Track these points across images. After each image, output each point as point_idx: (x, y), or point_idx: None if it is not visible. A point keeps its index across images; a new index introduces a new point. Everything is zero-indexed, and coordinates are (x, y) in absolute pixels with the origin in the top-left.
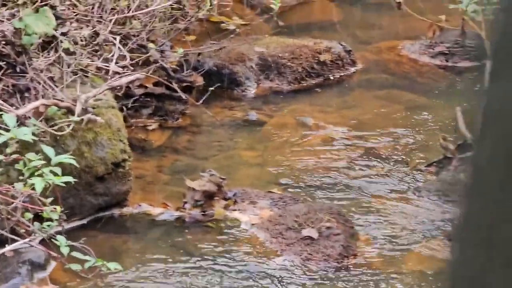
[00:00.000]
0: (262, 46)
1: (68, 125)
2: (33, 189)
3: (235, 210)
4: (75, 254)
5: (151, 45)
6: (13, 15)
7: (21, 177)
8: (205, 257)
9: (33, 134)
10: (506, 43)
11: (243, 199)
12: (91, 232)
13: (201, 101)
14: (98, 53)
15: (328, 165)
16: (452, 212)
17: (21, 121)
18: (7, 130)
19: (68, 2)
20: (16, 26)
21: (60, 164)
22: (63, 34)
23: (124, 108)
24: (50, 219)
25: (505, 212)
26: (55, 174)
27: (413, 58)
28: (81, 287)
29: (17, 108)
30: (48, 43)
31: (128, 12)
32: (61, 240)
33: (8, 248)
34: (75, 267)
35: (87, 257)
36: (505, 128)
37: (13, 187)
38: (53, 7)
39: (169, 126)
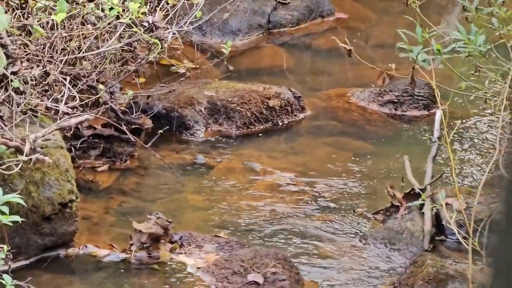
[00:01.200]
0: (212, 90)
1: (17, 165)
2: None
3: (181, 253)
4: None
5: (101, 86)
6: None
7: None
8: None
9: None
10: None
11: (190, 243)
12: (36, 272)
13: (149, 144)
14: (48, 93)
15: (275, 210)
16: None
17: None
18: None
19: (19, 42)
20: None
21: (7, 203)
22: (13, 73)
23: (73, 149)
24: None
25: None
26: (3, 213)
27: (362, 106)
28: None
29: None
30: None
31: (79, 52)
32: (7, 279)
33: None
34: None
35: None
36: None
37: None
38: (4, 46)
39: (117, 168)
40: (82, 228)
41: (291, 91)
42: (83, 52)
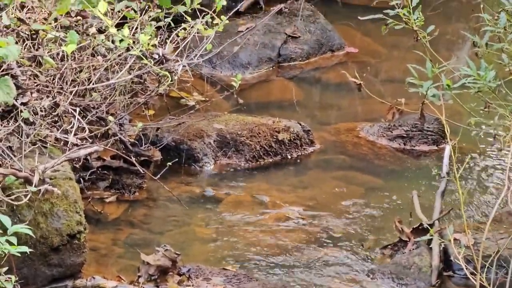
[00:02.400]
0: (221, 123)
1: (25, 195)
2: None
3: (189, 285)
4: None
5: (110, 118)
6: None
7: None
8: None
9: None
10: None
11: (197, 275)
12: None
13: (158, 176)
14: (58, 124)
15: (283, 244)
16: None
17: None
18: None
19: (29, 72)
20: None
21: (16, 234)
22: (23, 104)
23: (82, 180)
24: None
25: None
26: (11, 244)
27: (371, 140)
28: None
29: None
30: (8, 112)
31: (89, 84)
32: None
33: None
34: None
35: None
36: None
37: None
38: (14, 77)
39: (125, 199)
40: (90, 259)
41: (300, 124)
42: (93, 84)
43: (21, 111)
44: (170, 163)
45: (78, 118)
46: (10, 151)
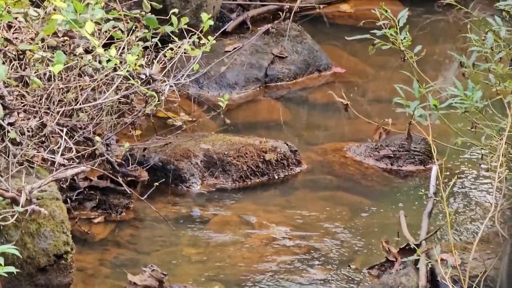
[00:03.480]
0: (208, 143)
1: (12, 216)
2: None
3: None
4: None
5: (97, 138)
6: None
7: None
8: None
9: None
10: None
11: None
12: None
13: (145, 196)
14: (45, 144)
15: (270, 264)
16: None
17: None
18: None
19: (16, 93)
20: None
21: (2, 254)
22: (10, 124)
23: (68, 200)
24: None
25: None
26: None
27: (358, 160)
28: None
29: None
30: None
31: (76, 104)
32: None
33: None
34: None
35: None
36: None
37: None
38: (1, 97)
39: (112, 219)
40: (77, 280)
41: (287, 145)
42: (80, 104)
43: (8, 131)
44: (157, 184)
45: (65, 138)
46: None
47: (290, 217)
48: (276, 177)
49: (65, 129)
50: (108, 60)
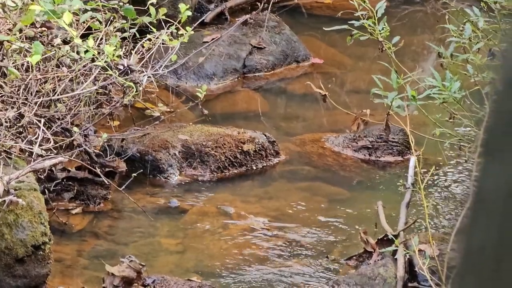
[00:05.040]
0: (186, 133)
1: None
2: None
3: None
4: None
5: (75, 129)
6: None
7: None
8: None
9: None
10: (503, 123)
11: (162, 286)
12: None
13: (123, 187)
14: (22, 135)
15: (247, 255)
16: None
17: None
18: None
19: None
20: None
21: None
22: None
23: (46, 191)
24: None
25: None
26: None
27: (336, 151)
28: None
29: None
30: None
31: (54, 95)
32: None
33: None
34: None
35: None
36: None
37: None
38: None
39: (90, 210)
40: (54, 271)
41: (265, 135)
42: (58, 95)
43: None
44: (135, 174)
45: (43, 129)
46: None
47: (268, 208)
48: (254, 167)
49: (43, 120)
50: (86, 51)
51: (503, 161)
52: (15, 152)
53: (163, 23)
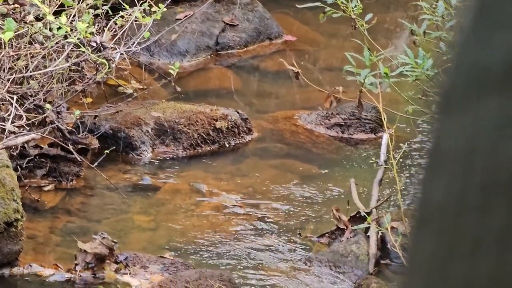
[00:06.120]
0: (159, 111)
1: None
2: None
3: (126, 273)
4: None
5: (48, 105)
6: None
7: None
8: None
9: None
10: (462, 76)
11: (135, 263)
12: None
13: (95, 164)
14: None
15: (220, 232)
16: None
17: None
18: None
19: None
20: None
21: None
22: None
23: (19, 168)
24: None
25: (457, 246)
26: None
27: (309, 129)
28: None
29: None
30: None
31: (26, 72)
32: None
33: None
34: None
35: None
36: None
37: None
38: None
39: (63, 187)
40: (27, 248)
41: (238, 113)
42: (31, 71)
43: None
44: (107, 151)
45: (15, 106)
46: None
47: (240, 185)
48: (227, 145)
49: (15, 97)
50: (59, 28)
51: (462, 117)
52: None
53: (135, 0)
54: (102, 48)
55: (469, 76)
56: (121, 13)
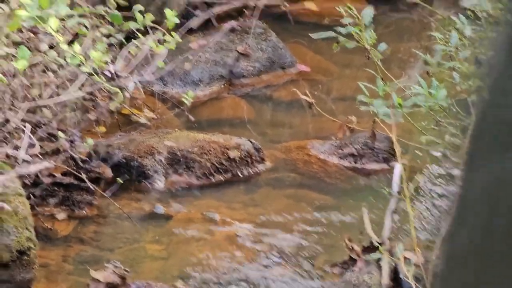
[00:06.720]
0: (172, 140)
1: None
2: None
3: None
4: None
5: (61, 134)
6: None
7: None
8: None
9: None
10: (487, 132)
11: None
12: None
13: (108, 193)
14: (8, 140)
15: (232, 261)
16: None
17: None
18: None
19: None
20: None
21: None
22: None
23: (32, 196)
24: None
25: None
26: None
27: (322, 158)
28: None
29: None
30: None
31: (40, 100)
32: None
33: None
34: None
35: None
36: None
37: None
38: None
39: (76, 216)
40: (40, 276)
41: (251, 142)
42: (44, 100)
43: None
44: (120, 180)
45: (29, 135)
46: None
47: (253, 215)
48: (240, 174)
49: (29, 125)
50: (73, 57)
51: (486, 170)
52: (1, 158)
53: (150, 30)
54: (115, 77)
55: (493, 131)
56: (135, 42)
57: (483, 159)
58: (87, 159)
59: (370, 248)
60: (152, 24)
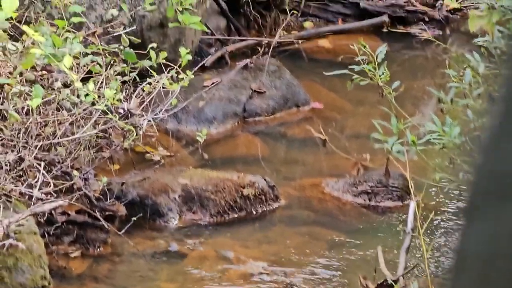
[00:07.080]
0: (186, 178)
1: None
2: None
3: None
4: None
5: (75, 172)
6: None
7: None
8: None
9: None
10: (484, 182)
11: None
12: None
13: (123, 231)
14: (22, 178)
15: None
16: None
17: None
18: None
19: None
20: None
21: None
22: None
23: (46, 235)
24: None
25: None
26: None
27: (336, 196)
28: None
29: None
30: None
31: (54, 138)
32: None
33: None
34: None
35: None
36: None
37: None
38: None
39: (90, 254)
40: None
41: (265, 180)
42: (58, 138)
43: None
44: (134, 218)
45: (43, 173)
46: None
47: (267, 252)
48: (254, 212)
49: (43, 163)
50: (86, 95)
51: (484, 222)
52: (15, 196)
53: (163, 67)
54: (129, 115)
55: (490, 184)
56: (148, 80)
57: (479, 212)
58: (101, 197)
59: (385, 286)
60: (165, 62)
